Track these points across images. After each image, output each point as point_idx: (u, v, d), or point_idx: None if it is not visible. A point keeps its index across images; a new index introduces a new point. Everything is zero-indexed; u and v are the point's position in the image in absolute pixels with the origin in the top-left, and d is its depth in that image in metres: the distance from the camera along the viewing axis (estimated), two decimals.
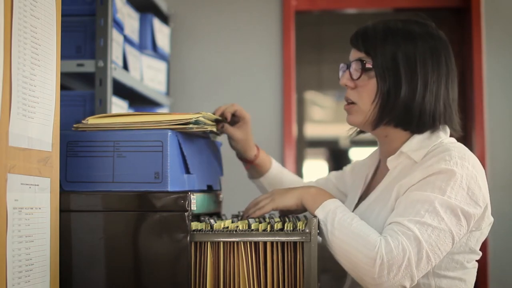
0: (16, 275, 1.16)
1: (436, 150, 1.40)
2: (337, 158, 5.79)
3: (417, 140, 1.44)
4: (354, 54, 1.49)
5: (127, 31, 2.30)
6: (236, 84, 3.12)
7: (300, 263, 1.34)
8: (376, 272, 1.27)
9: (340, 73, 1.54)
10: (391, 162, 1.47)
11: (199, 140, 1.61)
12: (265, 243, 1.35)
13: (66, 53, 1.89)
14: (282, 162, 3.07)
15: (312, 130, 6.81)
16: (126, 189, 1.41)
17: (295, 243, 1.35)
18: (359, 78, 1.46)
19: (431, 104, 1.42)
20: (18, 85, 1.16)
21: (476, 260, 1.45)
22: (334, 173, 1.81)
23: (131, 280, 1.37)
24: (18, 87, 1.17)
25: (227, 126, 1.69)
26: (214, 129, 1.59)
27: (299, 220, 1.49)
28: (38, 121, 1.24)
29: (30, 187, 1.21)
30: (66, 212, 1.38)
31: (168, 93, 2.97)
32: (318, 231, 1.38)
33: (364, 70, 1.45)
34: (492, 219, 1.43)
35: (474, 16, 3.02)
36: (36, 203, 1.24)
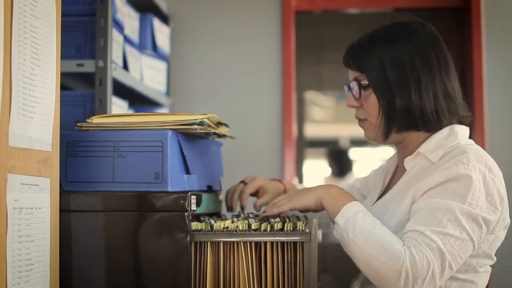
0: (16, 275, 1.16)
1: (453, 152, 1.39)
2: (337, 158, 5.79)
3: (434, 140, 1.44)
4: (350, 74, 1.52)
5: (127, 31, 2.30)
6: (236, 84, 3.12)
7: (300, 263, 1.34)
8: (401, 285, 1.28)
9: (346, 95, 1.57)
10: (408, 162, 1.47)
11: (200, 141, 1.61)
12: (265, 243, 1.35)
13: (66, 53, 1.88)
14: (282, 162, 3.07)
15: (312, 130, 6.81)
16: (126, 189, 1.40)
17: (295, 243, 1.35)
18: (360, 96, 1.49)
19: (430, 101, 1.43)
20: (18, 85, 1.16)
21: (490, 265, 1.44)
22: (358, 179, 1.82)
23: (131, 280, 1.37)
24: (18, 87, 1.17)
25: (256, 204, 1.70)
26: (217, 131, 1.59)
27: (299, 220, 1.49)
28: (38, 121, 1.24)
29: (30, 187, 1.21)
30: (66, 212, 1.38)
31: (168, 93, 2.97)
32: (339, 238, 1.38)
33: (361, 88, 1.48)
34: (508, 221, 1.42)
35: (474, 16, 3.02)
36: (36, 203, 1.24)
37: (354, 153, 7.04)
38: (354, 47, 1.51)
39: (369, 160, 6.88)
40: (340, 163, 5.59)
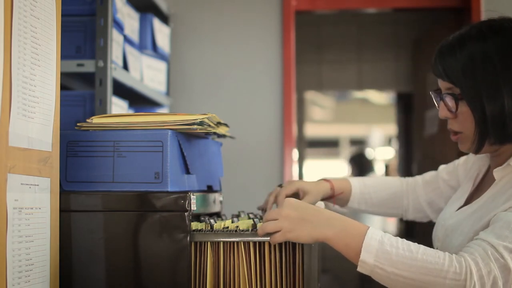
0: (16, 275, 1.16)
1: None
2: (359, 160, 5.80)
3: None
4: (442, 84, 1.40)
5: (127, 31, 2.30)
6: (236, 84, 3.12)
7: (300, 263, 1.34)
8: None
9: (436, 103, 1.45)
10: (497, 172, 1.39)
11: (200, 141, 1.61)
12: (265, 243, 1.35)
13: (66, 53, 1.88)
14: (282, 162, 3.07)
15: (312, 130, 6.79)
16: (126, 189, 1.40)
17: (295, 243, 1.35)
18: (457, 110, 1.37)
19: None
20: (18, 85, 1.16)
21: None
22: (444, 168, 1.70)
23: (131, 280, 1.37)
24: (18, 87, 1.17)
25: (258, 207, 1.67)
26: (217, 131, 1.59)
27: None
28: (38, 121, 1.24)
29: (30, 187, 1.21)
30: (66, 212, 1.38)
31: (168, 93, 2.97)
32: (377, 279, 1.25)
33: (457, 100, 1.36)
34: None
35: (474, 16, 3.02)
36: (36, 203, 1.24)
37: (373, 154, 7.02)
38: (444, 54, 1.38)
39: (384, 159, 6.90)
40: (361, 166, 5.61)
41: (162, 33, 2.77)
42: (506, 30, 1.36)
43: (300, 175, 5.46)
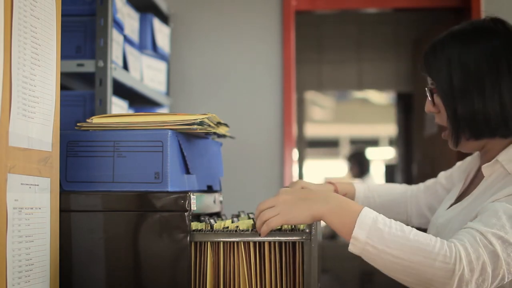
0: (16, 275, 1.16)
1: None
2: (358, 159, 5.80)
3: None
4: (428, 79, 1.48)
5: (127, 31, 2.30)
6: (236, 84, 3.12)
7: (300, 263, 1.34)
8: (454, 284, 1.19)
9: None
10: (486, 169, 1.42)
11: (200, 141, 1.61)
12: (265, 243, 1.35)
13: (66, 53, 1.89)
14: (282, 162, 3.07)
15: (312, 130, 6.78)
16: (126, 189, 1.41)
17: (295, 243, 1.35)
18: (434, 103, 1.45)
19: (496, 108, 1.36)
20: (18, 85, 1.17)
21: None
22: (443, 173, 1.74)
23: (131, 280, 1.37)
24: (18, 87, 1.17)
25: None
26: (217, 131, 1.59)
27: None
28: (38, 121, 1.24)
29: (30, 187, 1.21)
30: (66, 212, 1.38)
31: (168, 93, 2.97)
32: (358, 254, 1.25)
33: (432, 93, 1.45)
34: None
35: (474, 16, 3.02)
36: (36, 203, 1.24)
37: (371, 154, 7.00)
38: (427, 52, 1.46)
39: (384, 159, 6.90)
40: (360, 164, 5.61)
41: (162, 33, 2.77)
42: (485, 36, 1.41)
43: (300, 175, 5.46)
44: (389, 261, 1.21)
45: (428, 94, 1.46)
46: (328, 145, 7.70)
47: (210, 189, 1.64)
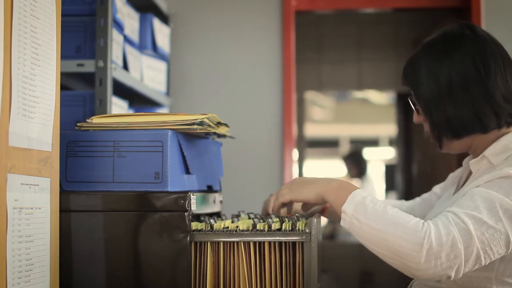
0: (16, 275, 1.16)
1: None
2: (355, 159, 5.79)
3: (501, 144, 1.42)
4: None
5: (127, 31, 2.30)
6: (236, 84, 3.12)
7: (300, 263, 1.34)
8: (423, 257, 1.23)
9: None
10: (473, 165, 1.45)
11: (200, 141, 1.61)
12: (265, 243, 1.35)
13: (66, 53, 1.88)
14: (282, 162, 3.07)
15: (312, 130, 6.78)
16: (126, 189, 1.41)
17: (295, 243, 1.35)
18: (418, 112, 1.51)
19: (467, 109, 1.41)
20: (18, 85, 1.17)
21: None
22: (437, 186, 1.78)
23: (131, 280, 1.37)
24: (18, 87, 1.17)
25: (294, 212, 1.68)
26: (217, 131, 1.59)
27: (299, 220, 1.49)
28: (38, 121, 1.24)
29: (30, 187, 1.21)
30: (66, 212, 1.38)
31: (168, 93, 2.97)
32: (345, 227, 1.35)
33: (414, 104, 1.51)
34: None
35: (474, 16, 3.02)
36: (36, 203, 1.24)
37: (371, 154, 6.97)
38: (406, 65, 1.54)
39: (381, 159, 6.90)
40: (357, 165, 5.60)
41: (162, 33, 2.77)
42: (453, 45, 1.46)
43: (300, 175, 5.46)
44: (369, 233, 1.30)
45: (412, 105, 1.53)
46: (328, 145, 7.70)
47: (210, 189, 1.64)
